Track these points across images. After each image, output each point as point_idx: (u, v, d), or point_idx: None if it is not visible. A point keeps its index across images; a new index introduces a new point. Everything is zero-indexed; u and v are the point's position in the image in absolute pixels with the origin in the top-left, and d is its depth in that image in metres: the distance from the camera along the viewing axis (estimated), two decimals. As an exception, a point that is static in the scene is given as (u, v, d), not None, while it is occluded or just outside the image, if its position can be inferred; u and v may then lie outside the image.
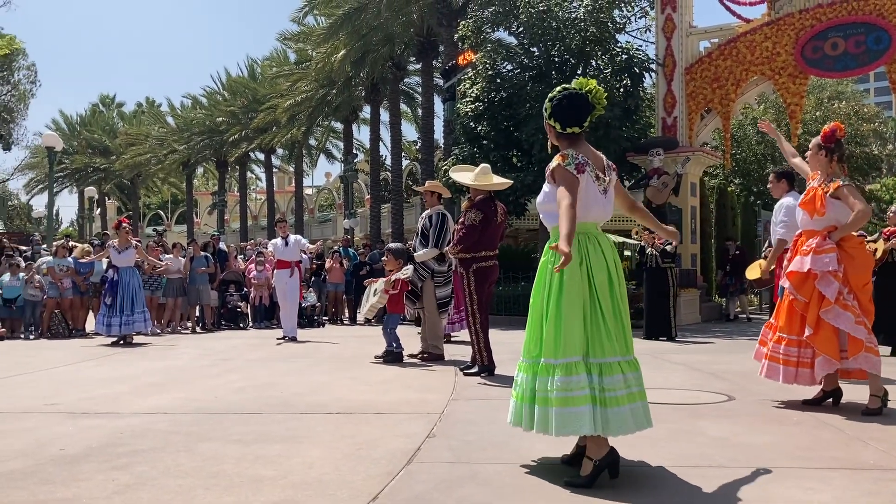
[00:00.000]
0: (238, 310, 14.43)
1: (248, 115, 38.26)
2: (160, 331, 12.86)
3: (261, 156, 43.77)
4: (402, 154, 32.28)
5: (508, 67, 16.19)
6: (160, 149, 44.94)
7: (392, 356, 8.19)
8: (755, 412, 5.19)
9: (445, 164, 16.96)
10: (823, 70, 14.68)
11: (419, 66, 28.19)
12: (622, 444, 3.59)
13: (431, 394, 5.97)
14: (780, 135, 6.17)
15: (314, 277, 15.37)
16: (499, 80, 15.70)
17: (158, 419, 5.00)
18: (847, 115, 25.33)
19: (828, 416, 4.99)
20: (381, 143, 33.58)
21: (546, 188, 3.61)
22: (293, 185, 44.33)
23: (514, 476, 3.57)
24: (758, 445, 4.18)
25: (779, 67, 14.53)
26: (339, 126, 37.29)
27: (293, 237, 11.61)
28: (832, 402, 5.35)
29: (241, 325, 14.24)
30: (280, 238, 11.45)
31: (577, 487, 3.38)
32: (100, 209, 56.78)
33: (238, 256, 16.23)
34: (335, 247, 18.76)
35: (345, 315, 15.89)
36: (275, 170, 46.10)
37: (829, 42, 14.05)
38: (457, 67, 18.33)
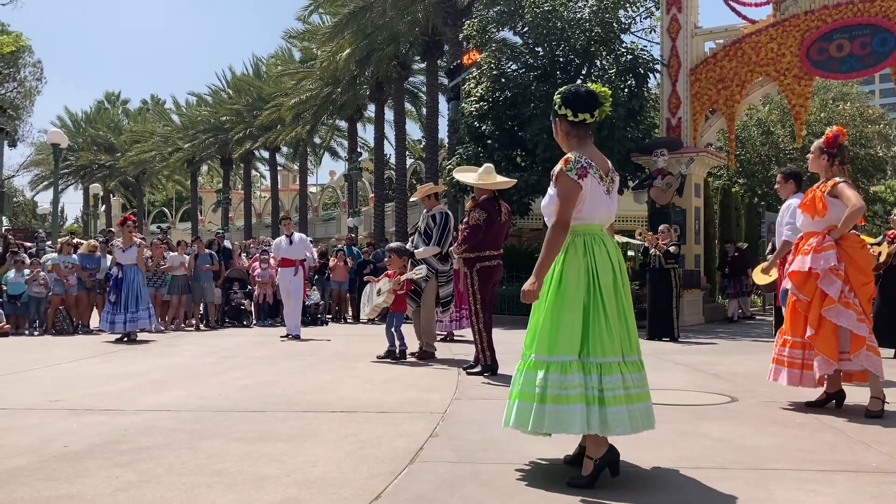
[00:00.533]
0: (242, 307, 14.45)
1: (253, 114, 38.30)
2: (164, 328, 12.89)
3: (265, 154, 43.81)
4: (407, 153, 32.32)
5: (513, 67, 16.19)
6: (165, 146, 45.03)
7: (395, 355, 8.19)
8: (758, 414, 5.19)
9: (449, 164, 16.99)
10: (828, 71, 14.66)
11: (424, 66, 28.21)
12: (624, 445, 3.59)
13: (434, 393, 5.98)
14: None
15: (318, 275, 15.39)
16: (503, 80, 15.70)
17: (162, 416, 5.01)
18: (852, 117, 25.27)
19: (830, 419, 4.98)
20: (386, 142, 33.59)
21: (551, 191, 3.63)
22: (297, 184, 44.37)
23: (517, 476, 3.58)
24: (760, 447, 4.18)
25: (784, 68, 14.50)
26: (344, 125, 37.31)
27: (298, 235, 11.63)
28: (835, 405, 5.34)
29: (245, 323, 14.27)
30: (284, 236, 11.47)
31: (579, 487, 3.38)
32: (105, 206, 56.90)
33: (242, 254, 16.26)
34: (339, 245, 18.78)
35: (348, 313, 15.91)
36: (279, 168, 46.17)
37: (835, 43, 14.03)
38: (461, 67, 18.35)
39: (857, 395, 5.40)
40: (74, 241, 14.06)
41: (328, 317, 15.34)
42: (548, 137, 14.19)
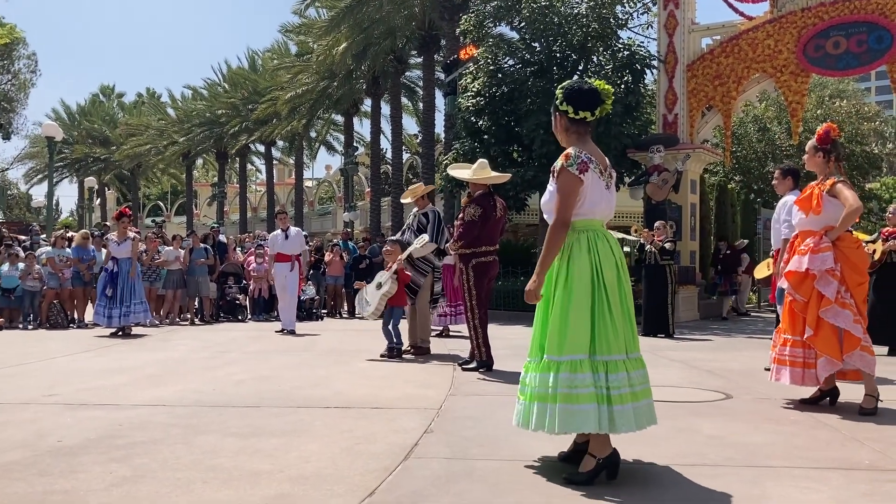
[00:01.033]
0: (237, 302, 14.44)
1: (249, 107, 38.19)
2: (159, 322, 12.86)
3: (261, 148, 43.69)
4: (403, 148, 32.24)
5: (510, 62, 16.17)
6: (160, 140, 44.87)
7: (397, 352, 8.15)
8: (752, 411, 5.20)
9: (446, 159, 16.97)
10: (825, 68, 14.67)
11: (420, 60, 28.13)
12: (620, 441, 3.59)
13: (430, 389, 5.98)
14: None
15: (313, 270, 15.37)
16: (500, 75, 15.68)
17: (157, 411, 5.01)
18: (848, 114, 25.31)
19: (824, 416, 5.00)
20: (382, 137, 33.55)
21: (550, 187, 3.60)
22: (293, 178, 44.27)
23: (512, 472, 3.58)
24: (755, 444, 4.19)
25: (780, 65, 14.51)
26: (340, 119, 37.22)
27: (294, 230, 11.59)
28: (829, 402, 5.36)
29: (240, 318, 14.25)
30: (280, 230, 11.44)
31: (577, 484, 3.37)
32: (99, 199, 56.72)
33: (237, 249, 16.23)
34: (335, 240, 18.76)
35: (344, 308, 15.90)
36: (275, 162, 46.03)
37: (831, 41, 14.03)
38: (458, 62, 18.31)
39: (851, 393, 5.42)
40: (69, 235, 14.02)
41: (323, 312, 15.33)
42: (544, 133, 14.18)
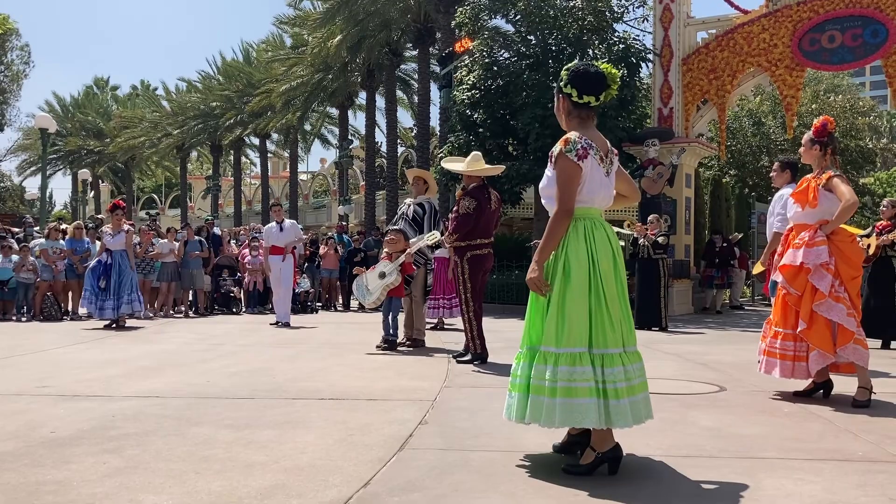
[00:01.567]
0: (231, 295, 14.42)
1: (243, 100, 38.05)
2: (153, 315, 12.83)
3: (255, 140, 43.54)
4: (398, 141, 32.18)
5: (505, 55, 16.15)
6: (154, 132, 44.68)
7: (394, 344, 8.15)
8: (746, 403, 5.21)
9: (441, 152, 16.95)
10: (820, 63, 14.67)
11: (416, 53, 28.05)
12: (615, 434, 3.58)
13: (424, 381, 5.98)
14: None
15: (308, 263, 15.35)
16: (495, 68, 15.65)
17: (150, 403, 4.99)
18: (843, 109, 25.34)
19: (818, 408, 5.01)
20: (377, 130, 33.46)
21: (548, 172, 3.51)
22: (287, 171, 44.17)
23: (506, 463, 3.58)
24: (749, 436, 4.20)
25: (776, 59, 14.51)
26: (335, 112, 37.09)
27: (289, 222, 11.58)
28: (823, 394, 5.38)
29: (235, 310, 14.24)
30: (275, 222, 11.43)
31: (575, 475, 3.36)
32: (93, 192, 56.50)
33: (232, 241, 16.20)
34: (330, 233, 18.73)
35: (338, 301, 15.89)
36: (269, 155, 45.94)
37: (827, 35, 14.03)
38: (453, 54, 18.25)
39: (845, 385, 5.43)
40: (63, 227, 13.97)
41: (318, 305, 15.32)
42: (539, 126, 14.18)
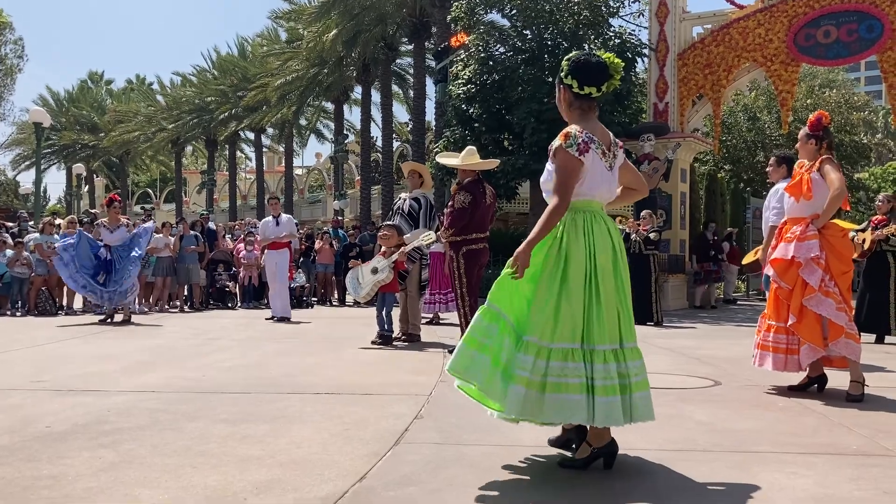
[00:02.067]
0: (226, 289, 14.40)
1: (238, 94, 37.94)
2: (148, 309, 12.81)
3: (250, 135, 43.44)
4: (393, 135, 32.15)
5: (501, 50, 16.11)
6: (149, 126, 44.52)
7: (389, 339, 8.14)
8: (741, 397, 5.23)
9: (436, 147, 16.94)
10: (815, 58, 14.69)
11: (411, 48, 28.01)
12: (612, 429, 3.59)
13: (420, 375, 5.98)
14: None
15: (303, 258, 15.34)
16: (491, 63, 15.63)
17: (146, 397, 4.99)
18: (837, 104, 25.41)
19: (812, 402, 5.03)
20: (373, 124, 33.41)
21: (549, 166, 3.44)
22: (283, 165, 44.08)
23: (502, 458, 3.58)
24: (743, 430, 4.21)
25: (771, 54, 14.51)
26: (330, 106, 37.02)
27: (285, 216, 11.55)
28: (817, 388, 5.39)
29: (230, 305, 14.22)
30: (272, 216, 11.42)
31: (571, 469, 3.36)
32: (88, 186, 56.30)
33: (227, 236, 16.18)
34: (325, 228, 18.71)
35: (334, 296, 15.89)
36: (264, 149, 45.80)
37: (822, 30, 14.04)
38: (449, 49, 18.22)
39: (839, 380, 5.45)
40: (57, 222, 13.93)
41: (314, 299, 15.31)
42: (535, 121, 14.16)
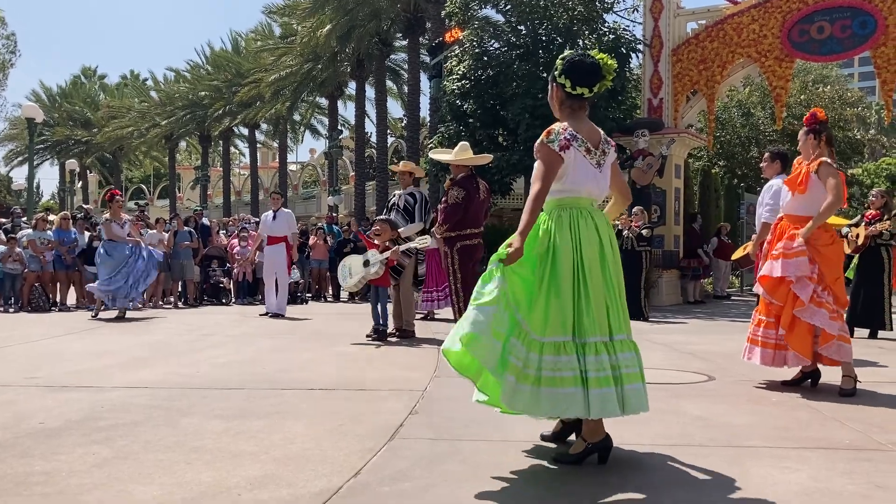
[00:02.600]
0: (221, 285, 14.37)
1: (232, 90, 37.80)
2: (142, 305, 12.77)
3: (244, 131, 43.30)
4: (388, 131, 32.08)
5: (495, 45, 16.10)
6: (142, 122, 44.37)
7: (384, 334, 8.14)
8: (734, 392, 5.25)
9: (431, 142, 16.93)
10: (809, 54, 14.68)
11: (406, 43, 27.95)
12: (606, 424, 3.59)
13: (414, 371, 5.98)
14: None
15: (298, 254, 15.30)
16: (485, 58, 15.62)
17: (140, 393, 4.98)
18: (831, 100, 25.43)
19: (805, 397, 5.05)
20: (367, 120, 33.36)
21: (536, 164, 3.50)
22: (277, 161, 43.98)
23: (496, 453, 3.59)
24: (736, 425, 4.23)
25: (765, 50, 14.52)
26: (324, 102, 36.96)
27: (285, 211, 11.50)
28: (810, 383, 5.42)
29: (224, 301, 14.19)
30: (271, 211, 11.40)
31: (565, 464, 3.37)
32: (81, 182, 56.09)
33: (221, 232, 16.14)
34: (319, 223, 18.68)
35: (328, 292, 15.86)
36: (259, 145, 45.71)
37: (816, 25, 14.04)
38: (443, 44, 18.20)
39: (832, 375, 5.47)
40: (50, 218, 13.88)
41: (308, 295, 15.29)
42: (529, 117, 14.15)
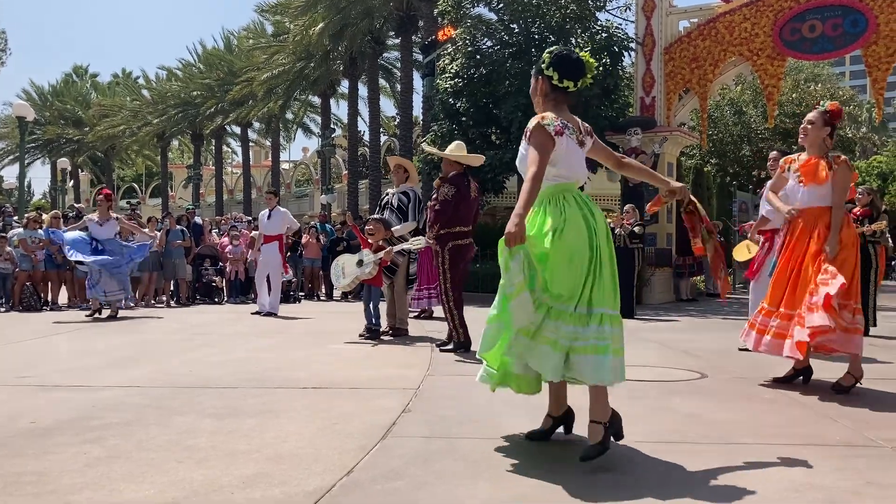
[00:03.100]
0: (213, 284, 14.33)
1: (224, 88, 37.71)
2: (134, 304, 12.72)
3: (237, 129, 43.22)
4: (381, 130, 32.09)
5: (488, 44, 16.10)
6: (134, 121, 44.17)
7: (377, 332, 8.13)
8: (727, 390, 5.26)
9: (424, 141, 16.90)
10: (801, 52, 14.75)
11: (398, 41, 27.95)
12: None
13: (408, 369, 5.98)
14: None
15: (290, 253, 15.28)
16: (478, 57, 15.61)
17: (132, 392, 4.96)
18: (823, 98, 25.54)
19: (798, 394, 5.06)
20: (360, 119, 33.33)
21: (522, 149, 3.60)
22: (269, 160, 43.92)
23: (491, 450, 3.58)
24: (729, 422, 4.24)
25: (757, 49, 14.57)
26: (317, 100, 36.91)
27: (280, 210, 11.47)
28: (802, 380, 5.43)
29: (216, 300, 14.16)
30: (267, 209, 11.38)
31: (593, 459, 3.28)
32: (73, 181, 55.82)
33: (213, 231, 16.10)
34: (312, 222, 18.66)
35: (321, 291, 15.84)
36: (251, 144, 45.59)
37: (807, 24, 14.10)
38: (436, 43, 18.20)
39: (824, 372, 5.50)
40: (42, 217, 13.80)
41: (300, 294, 15.27)
42: (522, 115, 14.14)
